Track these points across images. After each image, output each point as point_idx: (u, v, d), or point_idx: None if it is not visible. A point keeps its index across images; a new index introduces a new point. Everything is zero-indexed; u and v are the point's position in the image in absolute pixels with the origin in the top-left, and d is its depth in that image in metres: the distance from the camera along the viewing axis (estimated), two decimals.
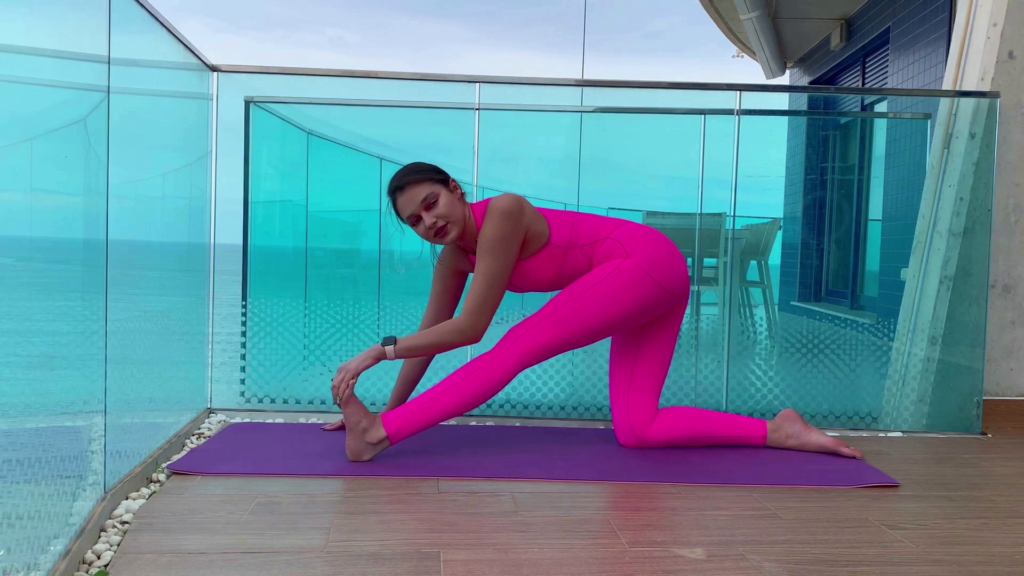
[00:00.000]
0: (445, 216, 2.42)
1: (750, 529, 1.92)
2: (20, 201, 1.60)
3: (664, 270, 2.49)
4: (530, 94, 3.21)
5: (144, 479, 2.15)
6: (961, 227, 3.08)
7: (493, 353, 2.42)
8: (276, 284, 3.32)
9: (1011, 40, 3.13)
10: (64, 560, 1.55)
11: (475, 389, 2.38)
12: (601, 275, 2.47)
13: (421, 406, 2.38)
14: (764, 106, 3.42)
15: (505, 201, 2.42)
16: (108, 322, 1.93)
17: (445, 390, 2.38)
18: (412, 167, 2.47)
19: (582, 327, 2.45)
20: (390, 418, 2.36)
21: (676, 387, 3.15)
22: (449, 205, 2.43)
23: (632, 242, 2.51)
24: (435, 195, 2.42)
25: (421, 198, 2.41)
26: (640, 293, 2.46)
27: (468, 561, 1.68)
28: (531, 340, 2.43)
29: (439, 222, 2.42)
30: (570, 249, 2.51)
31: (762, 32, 7.17)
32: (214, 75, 2.98)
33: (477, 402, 2.39)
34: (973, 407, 3.06)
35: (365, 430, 2.35)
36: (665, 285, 2.49)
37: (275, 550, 1.71)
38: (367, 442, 2.35)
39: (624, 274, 2.46)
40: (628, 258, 2.48)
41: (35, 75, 1.66)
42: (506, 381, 2.41)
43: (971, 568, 1.73)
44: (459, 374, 2.40)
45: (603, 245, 2.52)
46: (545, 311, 2.47)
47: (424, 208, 2.42)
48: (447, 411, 2.38)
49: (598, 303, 2.44)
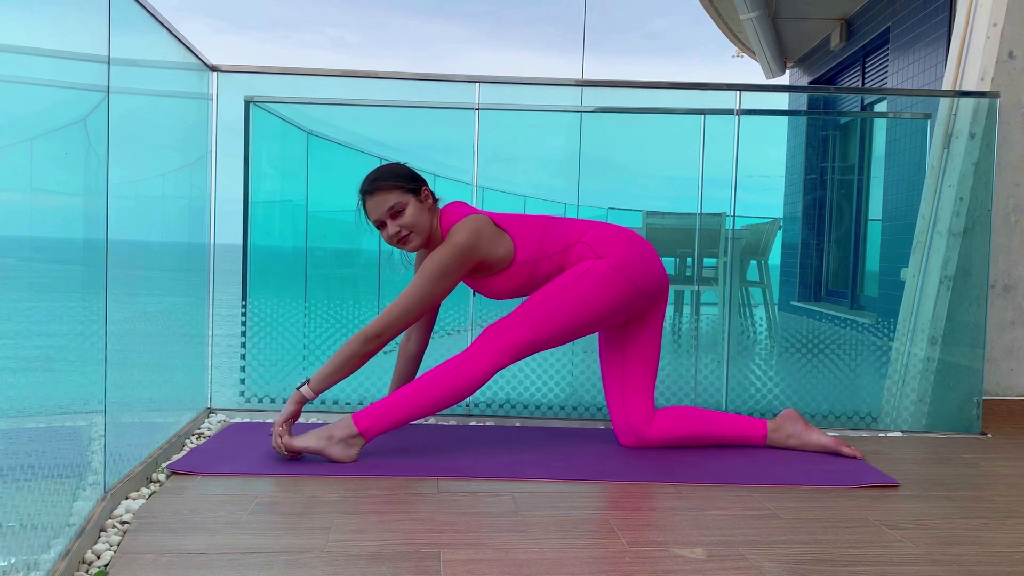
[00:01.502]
0: (409, 227, 2.44)
1: (750, 529, 1.92)
2: (20, 201, 1.59)
3: (637, 269, 2.49)
4: (530, 94, 3.21)
5: (144, 479, 2.15)
6: (961, 227, 3.08)
7: (468, 353, 2.42)
8: (276, 284, 3.32)
9: (1011, 40, 3.13)
10: (64, 560, 1.54)
11: (449, 389, 2.37)
12: (574, 275, 2.47)
13: (394, 404, 2.37)
14: (764, 106, 3.42)
15: (463, 235, 2.42)
16: (108, 322, 1.93)
17: (419, 388, 2.37)
18: (385, 171, 2.48)
19: (557, 327, 2.45)
20: (362, 415, 2.35)
21: (676, 387, 3.15)
22: (415, 216, 2.44)
23: (603, 244, 2.51)
24: (403, 204, 2.43)
25: (388, 206, 2.43)
26: (614, 293, 2.46)
27: (468, 561, 1.68)
28: (506, 340, 2.42)
29: (402, 231, 2.44)
30: (538, 261, 2.51)
31: (762, 32, 7.17)
32: (214, 75, 2.98)
33: (451, 401, 2.38)
34: (973, 407, 3.06)
35: (330, 436, 2.34)
36: (639, 284, 2.49)
37: (275, 550, 1.71)
38: (341, 442, 2.33)
39: (596, 273, 2.46)
40: (600, 259, 2.48)
41: (35, 75, 1.66)
42: (482, 381, 2.40)
43: (971, 568, 1.73)
44: (434, 373, 2.40)
45: (574, 250, 2.52)
46: (520, 311, 2.46)
47: (390, 216, 2.43)
48: (422, 409, 2.37)
49: (572, 303, 2.44)
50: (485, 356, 2.40)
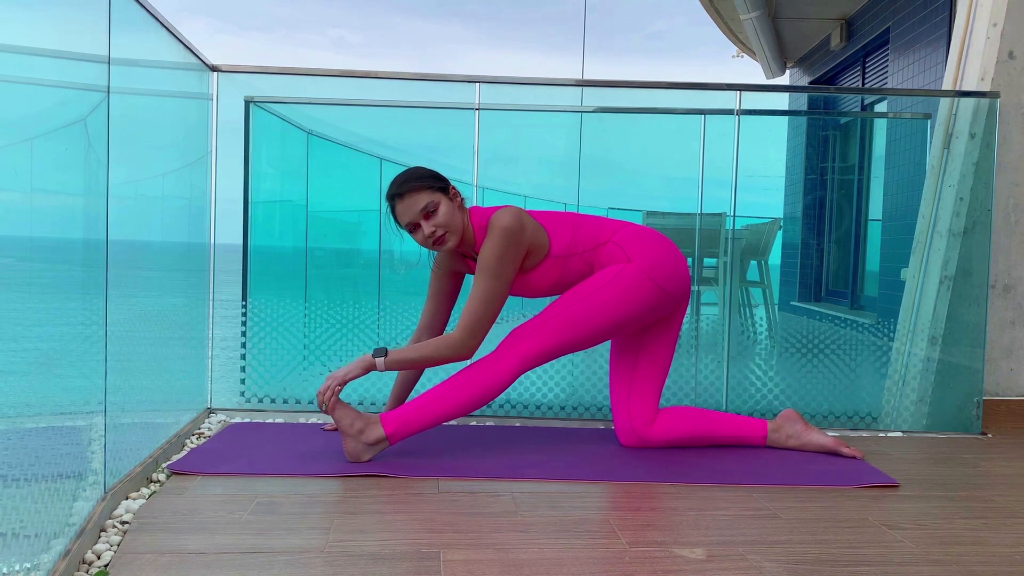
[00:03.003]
0: (444, 225, 2.41)
1: (750, 529, 1.92)
2: (20, 201, 1.60)
3: (665, 273, 2.49)
4: (530, 94, 3.21)
5: (144, 479, 2.15)
6: (961, 227, 3.08)
7: (495, 356, 2.42)
8: (276, 284, 3.32)
9: (1011, 40, 3.13)
10: (64, 560, 1.55)
11: (477, 391, 2.38)
12: (603, 280, 2.46)
13: (422, 407, 2.37)
14: (764, 106, 3.41)
15: (507, 218, 2.40)
16: (108, 322, 1.93)
17: (447, 392, 2.38)
18: (413, 173, 2.45)
19: (584, 331, 2.45)
20: (390, 418, 2.36)
21: (676, 387, 3.15)
22: (448, 214, 2.42)
23: (633, 246, 2.50)
24: (435, 204, 2.40)
25: (420, 207, 2.40)
26: (642, 297, 2.46)
27: (468, 561, 1.68)
28: (533, 344, 2.42)
29: (438, 231, 2.41)
30: (570, 257, 2.50)
31: (762, 32, 7.17)
32: (214, 75, 2.98)
33: (479, 404, 2.39)
34: (973, 407, 3.06)
35: (360, 431, 2.34)
36: (666, 288, 2.49)
37: (275, 550, 1.71)
38: (364, 443, 2.34)
39: (626, 279, 2.45)
40: (630, 262, 2.48)
41: (35, 75, 1.66)
42: (508, 384, 2.40)
43: (971, 568, 1.73)
44: (461, 376, 2.40)
45: (604, 249, 2.51)
46: (547, 315, 2.46)
47: (423, 217, 2.41)
48: (448, 413, 2.38)
49: (600, 308, 2.44)
50: (511, 359, 2.40)
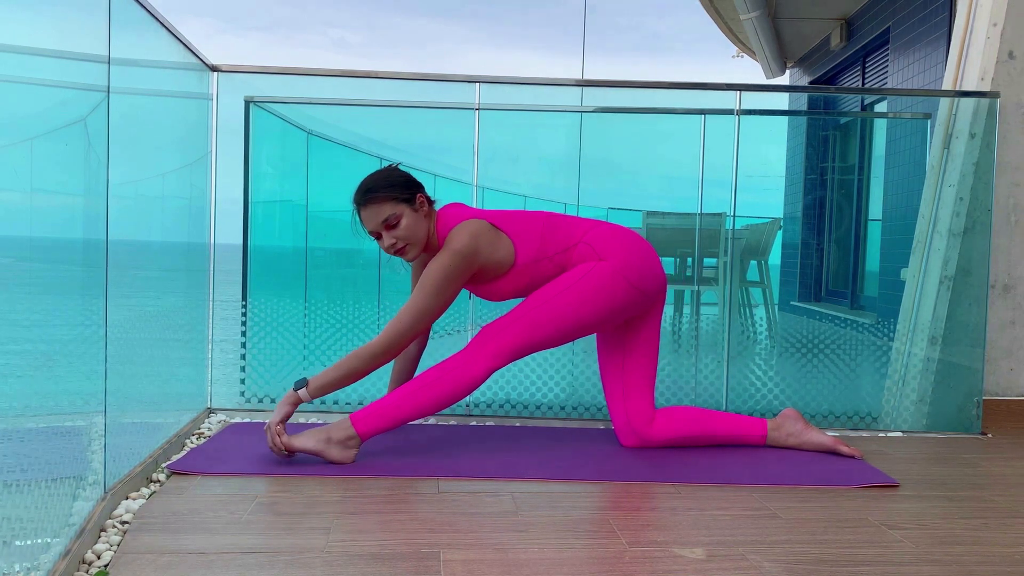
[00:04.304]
0: (405, 239, 2.40)
1: (750, 529, 1.92)
2: (20, 201, 1.60)
3: (638, 272, 2.48)
4: (530, 94, 3.21)
5: (144, 479, 2.15)
6: (961, 227, 3.08)
7: (466, 353, 2.40)
8: (276, 284, 3.32)
9: (1011, 40, 3.13)
10: (64, 560, 1.54)
11: (448, 389, 2.36)
12: (575, 277, 2.45)
13: (392, 405, 2.36)
14: (764, 106, 3.41)
15: (461, 239, 2.38)
16: (108, 322, 1.93)
17: (416, 390, 2.36)
18: (378, 180, 2.42)
19: (555, 329, 2.44)
20: (359, 416, 2.35)
21: (676, 387, 3.15)
22: (410, 227, 2.40)
23: (604, 244, 2.49)
24: (397, 217, 2.39)
25: (382, 218, 2.39)
26: (614, 295, 2.45)
27: (468, 561, 1.68)
28: (504, 341, 2.41)
29: (399, 243, 2.41)
30: (539, 262, 2.49)
31: (762, 32, 7.17)
32: (214, 75, 2.98)
33: (450, 402, 2.38)
34: (973, 407, 3.06)
35: (328, 439, 2.32)
36: (639, 286, 2.48)
37: (275, 550, 1.71)
38: (338, 445, 2.32)
39: (597, 277, 2.44)
40: (601, 261, 2.47)
41: (35, 75, 1.66)
42: (479, 382, 2.39)
43: (971, 568, 1.73)
44: (431, 374, 2.38)
45: (575, 251, 2.50)
46: (518, 312, 2.45)
47: (385, 227, 2.40)
48: (418, 411, 2.36)
49: (571, 306, 2.43)
50: (483, 358, 2.40)
